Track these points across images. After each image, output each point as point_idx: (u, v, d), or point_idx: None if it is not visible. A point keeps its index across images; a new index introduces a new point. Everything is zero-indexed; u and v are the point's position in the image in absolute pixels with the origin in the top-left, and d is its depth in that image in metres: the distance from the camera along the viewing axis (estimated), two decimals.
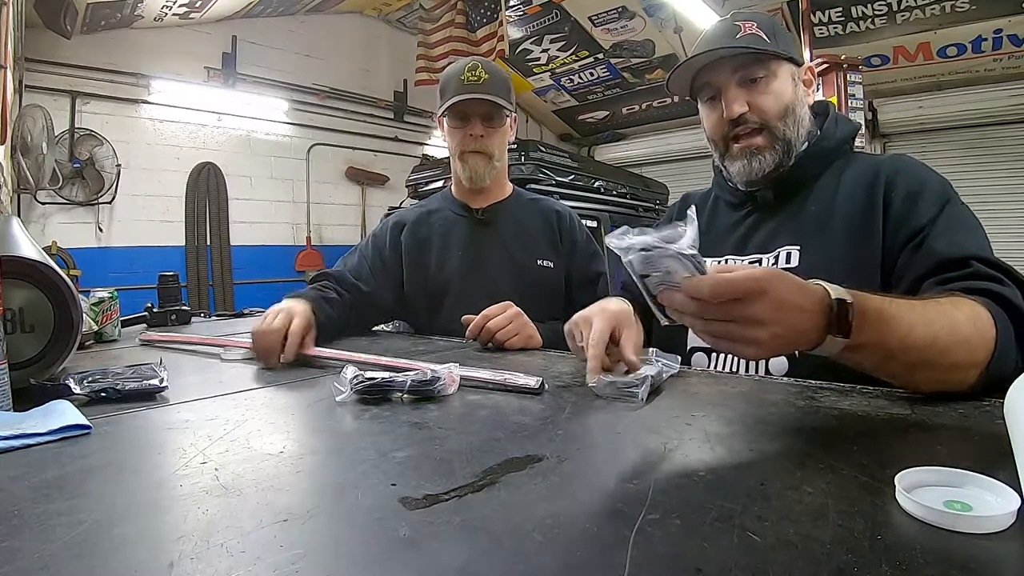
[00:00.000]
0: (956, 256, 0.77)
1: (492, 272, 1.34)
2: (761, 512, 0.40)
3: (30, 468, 0.50)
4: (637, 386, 0.70)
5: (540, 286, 1.33)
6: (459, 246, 1.37)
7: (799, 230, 0.93)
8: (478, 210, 1.39)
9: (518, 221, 1.39)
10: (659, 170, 6.55)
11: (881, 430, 0.58)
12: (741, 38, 0.93)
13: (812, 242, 0.90)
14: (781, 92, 0.93)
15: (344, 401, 0.71)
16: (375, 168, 5.98)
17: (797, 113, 0.94)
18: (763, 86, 0.93)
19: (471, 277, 1.34)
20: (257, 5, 4.79)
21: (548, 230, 1.38)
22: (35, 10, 3.39)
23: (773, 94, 0.93)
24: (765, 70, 0.93)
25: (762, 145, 0.94)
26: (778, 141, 0.94)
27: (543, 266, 1.34)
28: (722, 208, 1.08)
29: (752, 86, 0.93)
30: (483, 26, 5.43)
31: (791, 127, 0.94)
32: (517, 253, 1.35)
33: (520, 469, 0.49)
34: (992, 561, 0.34)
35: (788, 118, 0.94)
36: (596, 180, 3.96)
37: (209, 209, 4.90)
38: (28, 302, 0.81)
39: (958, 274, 0.75)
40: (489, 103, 1.28)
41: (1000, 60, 4.76)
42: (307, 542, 0.37)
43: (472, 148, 1.31)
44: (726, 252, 1.01)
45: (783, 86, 0.93)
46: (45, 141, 3.54)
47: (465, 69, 1.29)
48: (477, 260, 1.35)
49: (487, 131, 1.31)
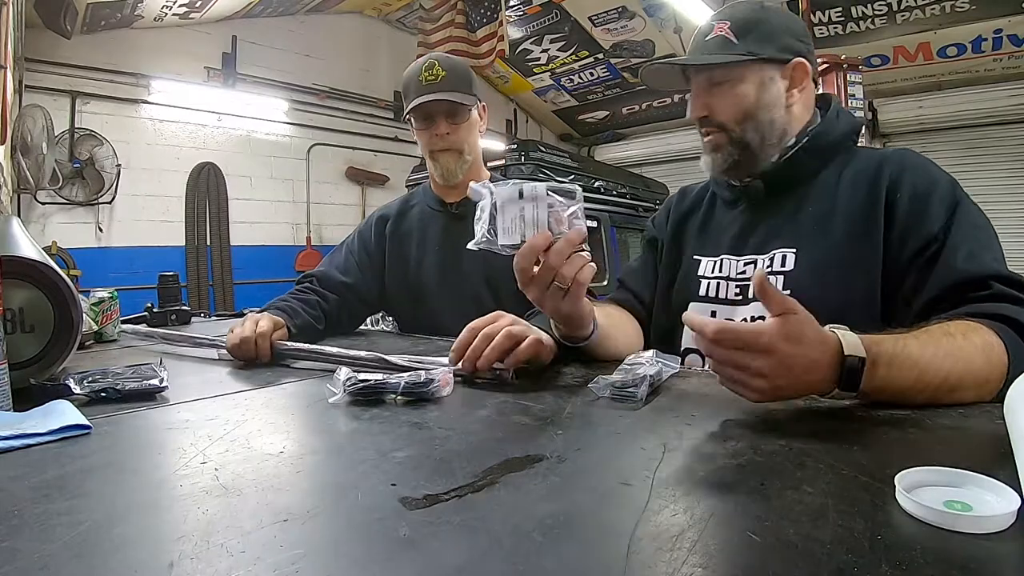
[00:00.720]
0: (975, 276, 0.74)
1: (466, 266, 1.33)
2: (761, 512, 0.40)
3: (30, 468, 0.50)
4: (637, 386, 0.70)
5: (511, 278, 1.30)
6: (435, 241, 1.38)
7: (796, 232, 0.92)
8: (452, 204, 1.39)
9: None
10: (659, 170, 6.54)
11: (881, 430, 0.58)
12: (710, 40, 0.93)
13: (809, 244, 0.89)
14: (742, 97, 0.92)
15: (337, 403, 0.71)
16: (375, 168, 5.98)
17: (761, 117, 0.92)
18: (725, 90, 0.93)
19: (447, 272, 1.35)
20: (257, 5, 4.79)
21: None
22: (35, 10, 3.39)
23: (732, 99, 0.92)
24: (726, 75, 0.92)
25: (719, 143, 0.95)
26: (734, 143, 0.94)
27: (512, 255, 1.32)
28: (719, 205, 1.07)
29: (715, 89, 0.94)
30: (483, 26, 5.43)
31: (750, 131, 0.93)
32: None
33: (520, 469, 0.49)
34: (992, 561, 0.34)
35: (747, 123, 0.92)
36: (596, 180, 3.97)
37: (209, 209, 4.90)
38: (28, 302, 0.81)
39: (976, 295, 0.73)
40: (450, 101, 1.28)
41: (1000, 60, 4.76)
42: (307, 542, 0.37)
43: (440, 147, 1.32)
44: (722, 251, 1.00)
45: (747, 90, 0.91)
46: (45, 141, 3.54)
47: (422, 69, 1.29)
48: (452, 255, 1.35)
49: (452, 128, 1.30)
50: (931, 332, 0.66)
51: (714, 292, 0.98)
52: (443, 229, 1.39)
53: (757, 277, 0.58)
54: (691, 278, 1.02)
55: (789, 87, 0.93)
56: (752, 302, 0.92)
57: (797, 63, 0.92)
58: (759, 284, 0.58)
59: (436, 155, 1.33)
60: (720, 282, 0.98)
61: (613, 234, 3.75)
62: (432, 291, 1.37)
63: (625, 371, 0.74)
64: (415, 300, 1.39)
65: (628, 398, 0.70)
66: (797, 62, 0.91)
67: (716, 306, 0.97)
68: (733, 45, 0.91)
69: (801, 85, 0.93)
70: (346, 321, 1.38)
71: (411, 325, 1.42)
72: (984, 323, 0.68)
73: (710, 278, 0.99)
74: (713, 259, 1.00)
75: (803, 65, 0.92)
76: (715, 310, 0.96)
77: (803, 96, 0.94)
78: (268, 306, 1.20)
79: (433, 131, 1.30)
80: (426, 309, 1.37)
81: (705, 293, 0.99)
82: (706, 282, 1.00)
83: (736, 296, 0.95)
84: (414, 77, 1.30)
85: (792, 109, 0.93)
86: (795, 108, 0.94)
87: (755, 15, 0.93)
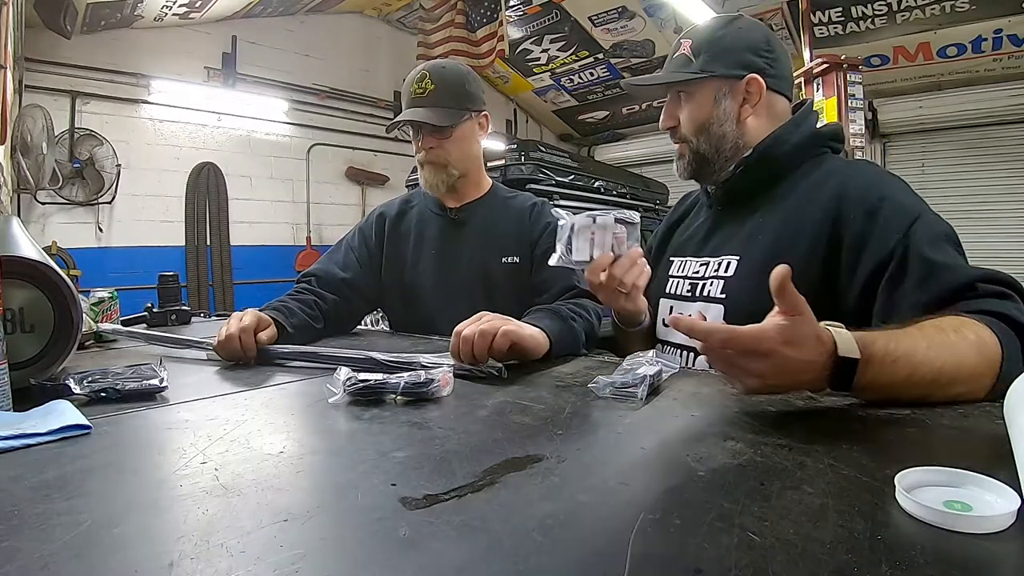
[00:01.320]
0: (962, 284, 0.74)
1: (463, 272, 1.35)
2: (761, 512, 0.40)
3: (30, 468, 0.50)
4: (637, 386, 0.71)
5: (506, 285, 1.32)
6: (432, 245, 1.39)
7: (742, 239, 0.97)
8: (452, 209, 1.40)
9: (489, 220, 1.39)
10: (659, 170, 6.54)
11: (881, 430, 0.58)
12: (676, 57, 1.02)
13: (749, 251, 0.95)
14: (697, 110, 0.99)
15: (337, 403, 0.71)
16: (375, 168, 5.98)
17: (714, 130, 0.98)
18: (684, 104, 1.01)
19: (443, 277, 1.36)
20: (257, 5, 4.79)
21: (518, 226, 1.36)
22: (35, 10, 3.39)
23: (689, 113, 1.00)
24: (685, 89, 1.01)
25: (683, 152, 1.04)
26: (692, 153, 1.02)
27: (508, 263, 1.33)
28: (702, 208, 1.14)
29: (679, 103, 1.02)
30: (483, 26, 5.43)
31: (703, 143, 1.00)
32: (484, 252, 1.35)
33: (520, 469, 0.49)
34: (992, 561, 0.34)
35: (702, 135, 0.99)
36: (596, 180, 3.97)
37: (209, 209, 4.90)
38: (28, 302, 0.81)
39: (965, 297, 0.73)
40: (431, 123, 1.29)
41: (1000, 60, 4.76)
42: (307, 542, 0.37)
43: (424, 159, 1.34)
44: (689, 252, 1.08)
45: (700, 105, 0.99)
46: (45, 141, 3.54)
47: (414, 81, 1.31)
48: (449, 260, 1.36)
49: (436, 142, 1.31)
50: (924, 328, 0.67)
51: (673, 289, 1.07)
52: (441, 232, 1.40)
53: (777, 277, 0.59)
54: (663, 276, 1.11)
55: (743, 102, 0.97)
56: (698, 300, 1.00)
57: (750, 79, 0.96)
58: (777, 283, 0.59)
59: (421, 165, 1.35)
60: (679, 280, 1.06)
61: None
62: (426, 292, 1.37)
63: (625, 371, 0.75)
64: (408, 300, 1.40)
65: (628, 398, 0.70)
66: (750, 78, 0.96)
67: (672, 301, 1.06)
68: (690, 63, 0.99)
69: (755, 100, 0.97)
70: (345, 320, 1.38)
71: (403, 325, 1.42)
72: (975, 318, 0.68)
73: (675, 276, 1.08)
74: (681, 260, 1.09)
75: (755, 81, 0.96)
76: (672, 305, 1.06)
77: (759, 110, 0.98)
78: (265, 307, 1.20)
79: (418, 143, 1.33)
80: (419, 309, 1.38)
81: (669, 290, 1.08)
82: (671, 280, 1.08)
83: (687, 293, 1.03)
84: (407, 88, 1.32)
85: (747, 123, 0.98)
86: (749, 122, 0.98)
87: (714, 34, 1.00)
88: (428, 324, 1.34)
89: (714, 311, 0.95)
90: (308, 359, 0.99)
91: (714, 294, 0.97)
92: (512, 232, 1.36)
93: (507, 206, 1.41)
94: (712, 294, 0.97)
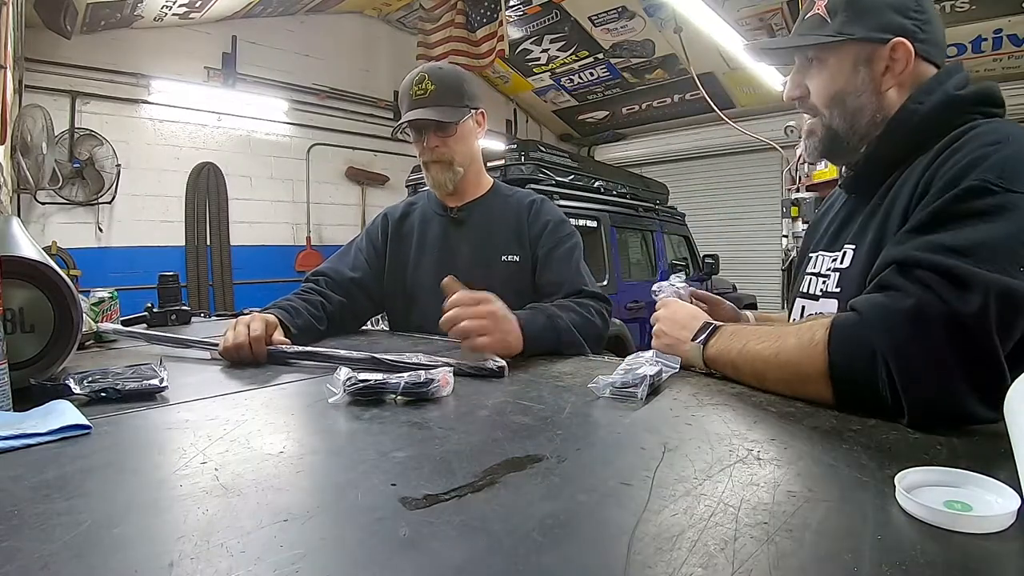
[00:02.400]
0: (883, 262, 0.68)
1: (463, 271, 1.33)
2: (761, 512, 0.40)
3: (30, 468, 0.50)
4: (637, 386, 0.71)
5: (506, 282, 1.31)
6: (434, 245, 1.41)
7: (860, 228, 0.85)
8: (453, 209, 1.42)
9: (489, 218, 1.40)
10: (659, 170, 6.55)
11: (881, 430, 0.58)
12: (808, 18, 0.87)
13: (862, 240, 0.83)
14: (831, 79, 0.85)
15: (337, 403, 0.71)
16: (375, 168, 5.98)
17: (849, 103, 0.84)
18: (815, 72, 0.87)
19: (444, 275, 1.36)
20: (257, 5, 4.79)
21: (517, 223, 1.38)
22: (35, 10, 3.39)
23: (820, 82, 0.86)
24: (818, 55, 0.86)
25: (813, 128, 0.90)
26: (823, 128, 0.88)
27: (508, 261, 1.35)
28: (840, 196, 0.99)
29: (809, 70, 0.88)
30: (483, 26, 5.43)
31: (837, 117, 0.85)
32: (484, 250, 1.37)
33: (520, 469, 0.49)
34: (992, 561, 0.34)
35: (835, 108, 0.85)
36: (596, 180, 3.96)
37: (209, 209, 4.90)
38: (28, 302, 0.81)
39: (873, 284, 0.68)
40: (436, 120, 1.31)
41: (1000, 60, 4.76)
42: (307, 542, 0.37)
43: (430, 159, 1.35)
44: (823, 246, 0.94)
45: (834, 73, 0.85)
46: (45, 141, 3.54)
47: (413, 83, 1.32)
48: (450, 259, 1.37)
49: (441, 141, 1.33)
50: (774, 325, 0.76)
51: (806, 287, 0.94)
52: (443, 232, 1.41)
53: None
54: (802, 275, 0.98)
55: (886, 70, 0.82)
56: (820, 297, 0.88)
57: (897, 43, 0.80)
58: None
59: (427, 166, 1.36)
60: (811, 278, 0.93)
61: (613, 234, 3.75)
62: (427, 292, 1.37)
63: (625, 371, 0.75)
64: (409, 300, 1.41)
65: (628, 398, 0.70)
66: (897, 42, 0.80)
67: (805, 300, 0.93)
68: (825, 24, 0.84)
69: (900, 68, 0.81)
70: (350, 320, 1.38)
71: (403, 325, 1.43)
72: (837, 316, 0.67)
73: (809, 273, 0.95)
74: (815, 255, 0.95)
75: (903, 45, 0.80)
76: (804, 305, 0.93)
77: (904, 79, 0.82)
78: (271, 305, 1.20)
79: (423, 144, 1.34)
80: (420, 310, 1.38)
81: (803, 289, 0.95)
82: (806, 278, 0.95)
83: (818, 292, 0.90)
84: (406, 90, 1.33)
85: (888, 95, 0.83)
86: (891, 94, 0.83)
87: None
88: (427, 324, 1.34)
89: (830, 307, 0.85)
90: (316, 359, 0.98)
91: (831, 288, 0.86)
92: (512, 230, 1.37)
93: (507, 203, 1.42)
94: (830, 288, 0.86)
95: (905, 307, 0.60)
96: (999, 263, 0.59)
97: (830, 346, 0.65)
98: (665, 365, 0.79)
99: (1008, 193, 0.63)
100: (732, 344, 0.78)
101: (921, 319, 0.59)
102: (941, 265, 0.61)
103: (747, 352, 0.75)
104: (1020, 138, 0.68)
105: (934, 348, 0.58)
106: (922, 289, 0.60)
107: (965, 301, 0.58)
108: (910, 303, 0.60)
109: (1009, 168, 0.65)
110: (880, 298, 0.64)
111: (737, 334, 0.79)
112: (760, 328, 0.79)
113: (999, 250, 0.60)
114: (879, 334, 0.61)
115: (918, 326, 0.59)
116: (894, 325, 0.61)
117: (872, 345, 0.61)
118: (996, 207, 0.63)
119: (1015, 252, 0.60)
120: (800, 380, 0.68)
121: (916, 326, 0.59)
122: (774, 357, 0.71)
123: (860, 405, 0.63)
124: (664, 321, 0.89)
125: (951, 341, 0.58)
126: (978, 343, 0.58)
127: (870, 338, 0.62)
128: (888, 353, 0.60)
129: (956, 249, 0.61)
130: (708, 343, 0.81)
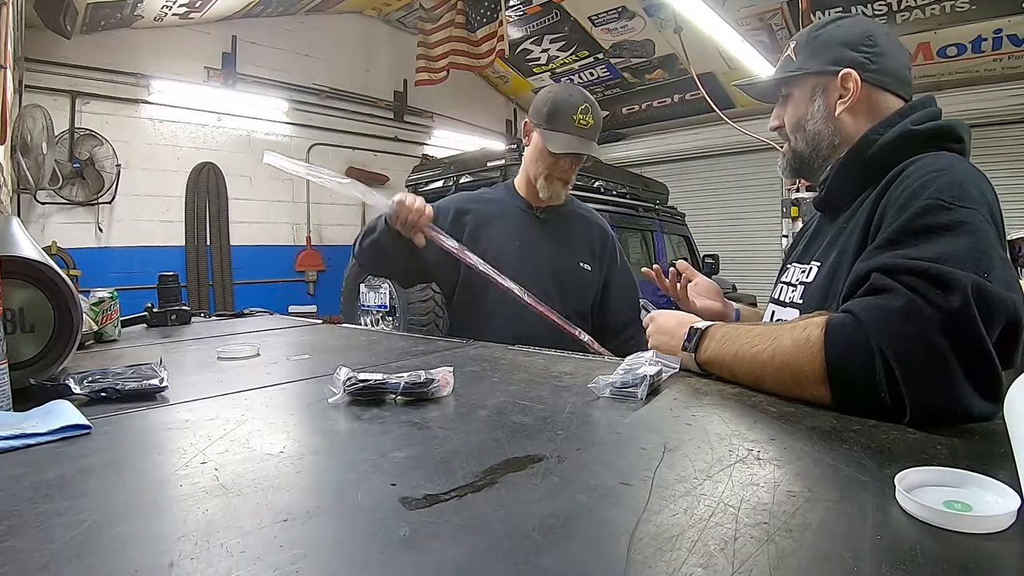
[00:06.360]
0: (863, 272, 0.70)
1: (543, 265, 1.48)
2: (762, 512, 0.40)
3: (30, 468, 0.50)
4: (637, 386, 0.71)
5: (579, 284, 1.52)
6: (516, 237, 1.50)
7: (827, 244, 0.94)
8: (538, 208, 1.53)
9: (568, 225, 1.57)
10: (659, 170, 6.55)
11: (881, 430, 0.58)
12: (783, 59, 1.02)
13: (826, 258, 0.92)
14: (795, 108, 0.99)
15: (337, 403, 0.71)
16: (375, 168, 5.98)
17: (808, 128, 0.97)
18: (785, 103, 1.01)
19: (523, 267, 1.46)
20: (257, 5, 4.79)
21: (590, 238, 1.57)
22: (35, 10, 3.39)
23: (788, 111, 1.00)
24: (786, 90, 1.00)
25: (785, 151, 1.03)
26: (790, 151, 1.01)
27: (583, 268, 1.53)
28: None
29: (783, 102, 1.02)
30: (483, 26, 5.43)
31: (800, 141, 0.98)
32: (564, 252, 1.52)
33: (520, 469, 0.49)
34: (992, 561, 0.34)
35: (798, 133, 0.98)
36: (596, 180, 3.96)
37: (209, 209, 4.91)
38: (28, 302, 0.81)
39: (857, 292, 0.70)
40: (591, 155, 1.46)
41: (1000, 60, 4.76)
42: (307, 542, 0.37)
43: (564, 179, 1.48)
44: (794, 258, 1.05)
45: (797, 103, 0.98)
46: (45, 141, 3.54)
47: (578, 110, 1.40)
48: (532, 253, 1.48)
49: (574, 166, 1.48)
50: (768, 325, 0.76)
51: (778, 294, 1.04)
52: (526, 229, 1.51)
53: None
54: (778, 281, 1.08)
55: (838, 98, 0.93)
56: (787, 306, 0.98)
57: (845, 74, 0.91)
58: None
59: (552, 179, 1.46)
60: (783, 286, 1.03)
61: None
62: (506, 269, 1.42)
63: (625, 371, 0.75)
64: (485, 283, 1.43)
65: (628, 398, 0.70)
66: (845, 73, 0.91)
67: (775, 306, 1.03)
68: (791, 62, 0.99)
69: (848, 96, 0.91)
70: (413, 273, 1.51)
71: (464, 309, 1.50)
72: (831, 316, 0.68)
73: (782, 282, 1.05)
74: (790, 265, 1.05)
75: (850, 75, 0.90)
76: (774, 309, 1.03)
77: (857, 107, 0.92)
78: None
79: (562, 164, 1.45)
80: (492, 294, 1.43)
81: (775, 295, 1.05)
82: (779, 286, 1.05)
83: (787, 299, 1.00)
84: (567, 109, 1.40)
85: (842, 120, 0.93)
86: (844, 119, 0.93)
87: (814, 31, 0.98)
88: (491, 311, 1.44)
89: (793, 315, 0.93)
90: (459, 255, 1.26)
91: (795, 299, 0.96)
92: (587, 241, 1.56)
93: (582, 217, 1.61)
94: (795, 299, 0.96)
95: (899, 307, 0.63)
96: (967, 270, 0.63)
97: (827, 346, 0.65)
98: (665, 365, 0.79)
99: (961, 208, 0.70)
100: (724, 349, 0.79)
101: (916, 318, 0.61)
102: (919, 267, 0.64)
103: (741, 356, 0.76)
104: (959, 167, 0.78)
105: (934, 348, 0.60)
106: (910, 291, 0.63)
107: (949, 300, 0.61)
108: (902, 303, 0.62)
109: (957, 187, 0.72)
110: (874, 300, 0.65)
111: (728, 338, 0.79)
112: (751, 328, 0.79)
113: (963, 259, 0.64)
114: (878, 334, 0.62)
115: (915, 326, 0.61)
116: (892, 325, 0.62)
117: (871, 345, 0.62)
118: (954, 222, 0.68)
119: (978, 261, 0.64)
120: (798, 382, 0.68)
121: (913, 325, 0.61)
122: (770, 360, 0.72)
123: (858, 405, 0.63)
124: (654, 335, 0.92)
125: (947, 339, 0.60)
126: (971, 339, 0.60)
127: (869, 338, 0.63)
128: (889, 353, 0.61)
129: (926, 259, 0.65)
130: (699, 348, 0.82)
